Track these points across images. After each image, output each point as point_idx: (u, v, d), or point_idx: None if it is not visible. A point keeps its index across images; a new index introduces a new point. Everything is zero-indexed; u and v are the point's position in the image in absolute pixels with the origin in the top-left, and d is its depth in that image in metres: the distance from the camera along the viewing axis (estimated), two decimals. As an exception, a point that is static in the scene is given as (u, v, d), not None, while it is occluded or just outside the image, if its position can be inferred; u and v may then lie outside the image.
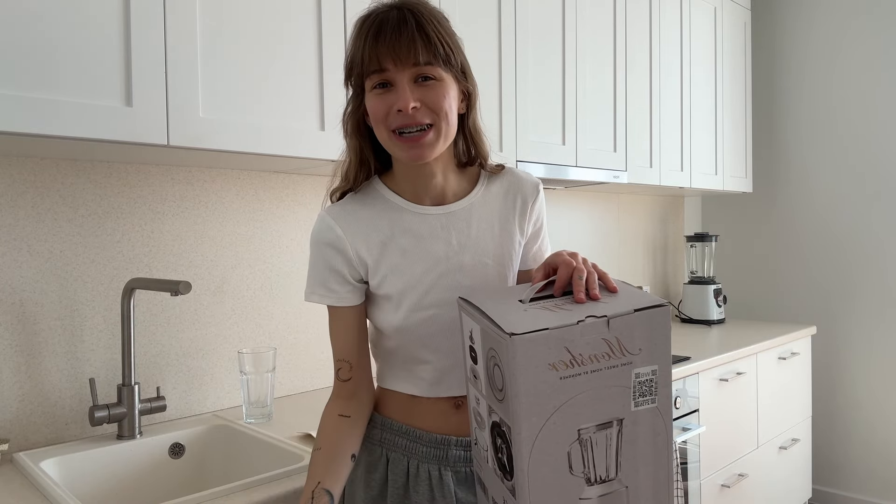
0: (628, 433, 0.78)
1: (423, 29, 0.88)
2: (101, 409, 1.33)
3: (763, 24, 3.11)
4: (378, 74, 0.89)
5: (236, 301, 1.65)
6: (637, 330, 0.76)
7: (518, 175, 1.05)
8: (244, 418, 1.50)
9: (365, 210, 0.98)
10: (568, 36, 2.06)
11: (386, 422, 1.02)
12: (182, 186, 1.56)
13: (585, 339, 0.75)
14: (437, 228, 0.98)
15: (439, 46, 0.89)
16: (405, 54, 0.87)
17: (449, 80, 0.91)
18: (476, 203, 1.00)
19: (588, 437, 0.77)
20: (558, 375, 0.74)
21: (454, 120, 0.93)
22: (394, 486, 1.00)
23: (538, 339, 0.73)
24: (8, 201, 1.32)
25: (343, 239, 0.96)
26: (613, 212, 2.83)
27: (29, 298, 1.34)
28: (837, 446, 2.95)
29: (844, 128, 2.90)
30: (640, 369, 0.77)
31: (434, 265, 0.96)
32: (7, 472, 1.22)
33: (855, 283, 2.88)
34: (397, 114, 0.89)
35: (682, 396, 2.01)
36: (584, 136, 2.13)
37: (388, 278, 0.97)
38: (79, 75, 1.10)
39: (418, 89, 0.89)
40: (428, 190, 0.99)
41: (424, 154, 0.91)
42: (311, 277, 1.00)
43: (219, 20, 1.27)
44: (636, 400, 0.78)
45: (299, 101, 1.40)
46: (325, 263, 0.98)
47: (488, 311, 0.80)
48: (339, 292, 0.98)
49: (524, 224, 1.03)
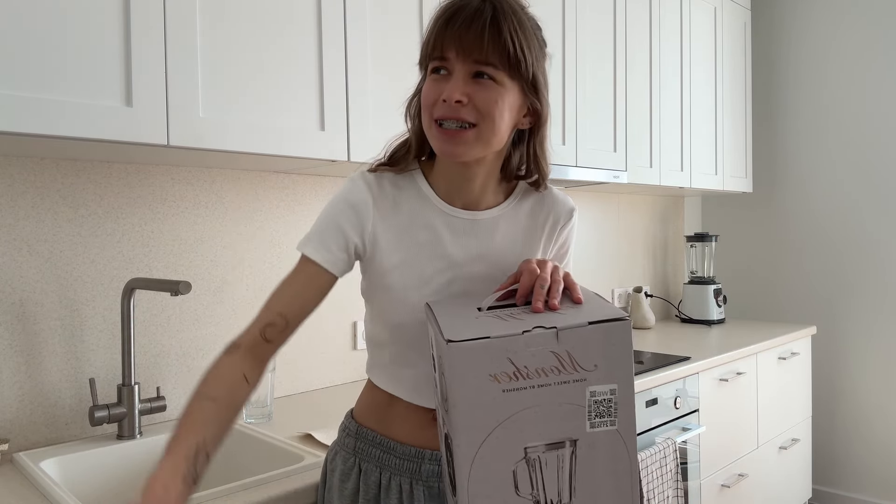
0: (584, 456, 0.72)
1: (498, 25, 0.83)
2: (101, 409, 1.33)
3: (763, 24, 3.11)
4: (439, 61, 0.86)
5: (236, 301, 1.65)
6: (591, 344, 0.70)
7: (555, 196, 1.01)
8: (244, 418, 1.50)
9: (396, 191, 0.95)
10: (568, 36, 2.06)
11: (361, 431, 1.00)
12: (182, 186, 1.56)
13: (531, 350, 0.70)
14: (458, 232, 0.94)
15: (510, 46, 0.83)
16: (469, 46, 0.83)
17: (510, 87, 0.86)
18: (505, 215, 0.97)
19: (536, 457, 0.71)
20: (501, 388, 0.69)
21: (503, 129, 0.87)
22: (364, 498, 0.97)
23: (477, 347, 0.69)
24: (8, 201, 1.32)
25: (369, 207, 0.92)
26: (613, 212, 2.83)
27: (29, 298, 1.34)
28: (837, 446, 2.95)
29: (844, 128, 2.90)
30: (595, 387, 0.71)
31: (446, 268, 0.93)
32: (7, 472, 1.22)
33: (855, 283, 2.88)
34: (443, 103, 0.85)
35: (682, 396, 2.01)
36: (584, 136, 2.13)
37: (398, 269, 0.93)
38: (79, 75, 1.10)
39: (472, 85, 0.84)
40: (462, 192, 0.95)
41: (457, 152, 0.86)
42: (314, 229, 0.93)
43: (218, 20, 1.27)
44: (592, 420, 0.71)
45: (299, 101, 1.39)
46: (338, 222, 0.92)
47: (440, 316, 0.77)
48: (335, 254, 0.92)
49: (549, 245, 1.00)
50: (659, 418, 1.91)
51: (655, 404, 1.90)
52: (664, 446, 1.83)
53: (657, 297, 3.04)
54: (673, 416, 1.97)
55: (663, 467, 1.82)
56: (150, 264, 1.51)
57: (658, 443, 1.84)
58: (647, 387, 1.85)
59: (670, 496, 1.86)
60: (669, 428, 1.96)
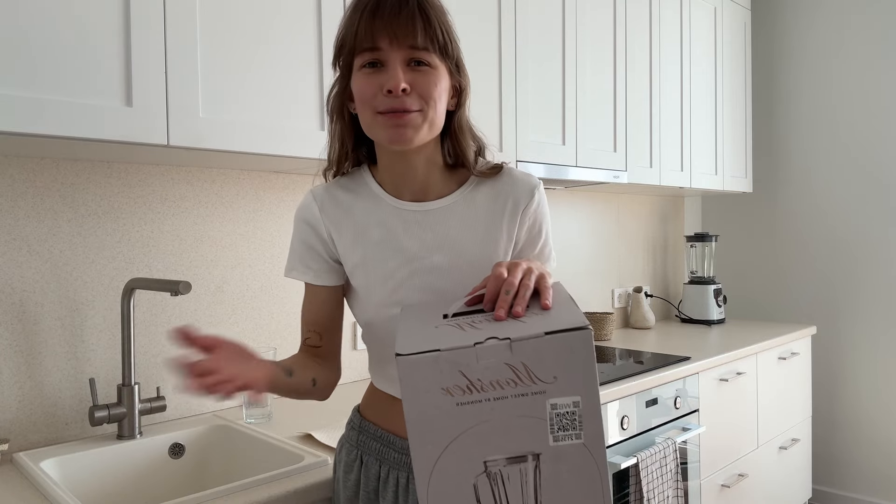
0: (549, 470, 0.69)
1: (425, 11, 0.85)
2: (101, 409, 1.33)
3: (763, 24, 3.11)
4: (370, 52, 0.84)
5: (236, 301, 1.65)
6: (549, 355, 0.67)
7: (514, 176, 0.98)
8: (244, 418, 1.50)
9: (347, 195, 0.97)
10: (568, 36, 2.06)
11: (364, 424, 1.02)
12: (182, 186, 1.56)
13: (483, 363, 0.67)
14: (411, 224, 0.94)
15: (438, 33, 0.85)
16: (402, 33, 0.83)
17: (442, 70, 0.87)
18: (458, 203, 0.96)
19: (497, 471, 0.69)
20: (454, 401, 0.67)
21: (442, 111, 0.89)
22: (364, 490, 1.00)
23: (425, 360, 0.67)
24: (8, 201, 1.32)
25: (319, 220, 0.96)
26: (613, 212, 2.83)
27: (29, 298, 1.34)
28: (837, 446, 2.95)
29: (844, 127, 2.90)
30: (556, 399, 0.68)
31: (405, 262, 0.93)
32: (7, 472, 1.22)
33: (855, 283, 2.88)
34: (386, 94, 0.84)
35: (682, 396, 2.01)
36: (584, 136, 2.13)
37: (358, 268, 0.95)
38: (79, 75, 1.10)
39: (410, 73, 0.84)
40: (407, 183, 0.95)
41: (407, 135, 0.85)
42: (291, 254, 1.01)
43: (219, 20, 1.27)
44: (555, 434, 0.69)
45: (299, 101, 1.39)
46: (303, 240, 0.98)
47: (401, 325, 0.76)
48: (316, 270, 0.98)
49: (513, 229, 0.96)
50: (659, 418, 1.91)
51: (655, 404, 1.90)
52: (664, 446, 1.83)
53: (657, 297, 3.04)
54: (673, 416, 1.97)
55: (663, 467, 1.82)
56: (150, 264, 1.50)
57: (658, 443, 1.84)
58: (647, 387, 1.85)
59: (670, 496, 1.86)
60: (669, 428, 1.96)
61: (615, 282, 2.84)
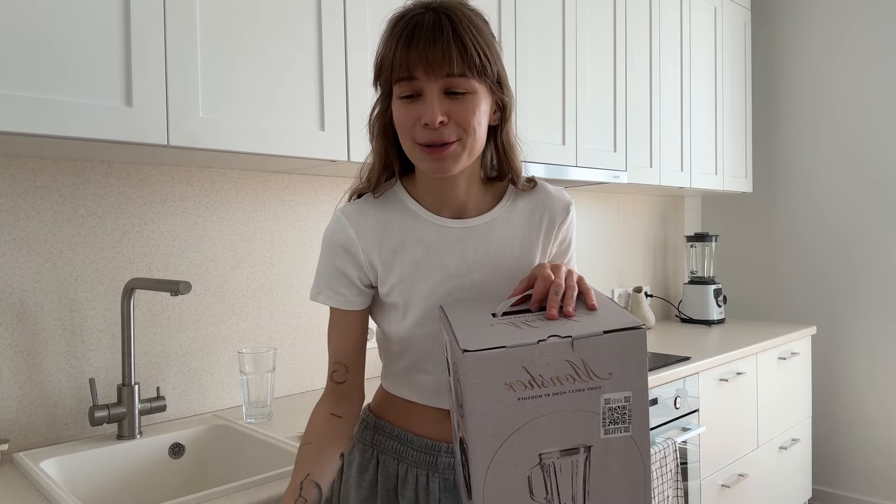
0: (598, 462, 0.73)
1: (460, 36, 0.83)
2: (101, 409, 1.33)
3: (763, 24, 3.11)
4: (407, 83, 0.84)
5: (236, 301, 1.65)
6: (606, 353, 0.71)
7: (549, 192, 1.00)
8: (244, 418, 1.50)
9: (381, 213, 0.95)
10: (568, 36, 2.06)
11: (379, 423, 1.02)
12: (182, 186, 1.56)
13: (546, 359, 0.70)
14: (452, 242, 0.94)
15: (475, 56, 0.84)
16: (438, 64, 0.82)
17: (482, 92, 0.86)
18: (498, 219, 0.96)
19: (551, 463, 0.72)
20: (516, 396, 0.70)
21: (482, 135, 0.89)
22: (384, 489, 0.99)
23: (492, 357, 0.69)
24: (8, 201, 1.32)
25: (356, 242, 0.93)
26: (613, 212, 2.83)
27: (29, 298, 1.34)
28: (837, 446, 2.95)
29: (844, 127, 2.90)
30: (610, 395, 0.72)
31: (445, 280, 0.93)
32: (7, 472, 1.22)
33: (855, 283, 2.88)
34: (423, 128, 0.85)
35: (682, 396, 2.01)
36: (584, 136, 2.13)
37: (396, 287, 0.94)
38: (79, 75, 1.10)
39: (447, 102, 0.84)
40: (448, 201, 0.94)
41: (447, 167, 0.87)
42: (318, 276, 0.97)
43: (219, 20, 1.27)
44: (606, 427, 0.72)
45: (299, 101, 1.39)
46: (335, 265, 0.95)
47: (454, 323, 0.78)
48: (347, 295, 0.96)
49: (548, 244, 0.99)
50: (659, 418, 1.91)
51: (655, 404, 1.90)
52: (664, 446, 1.83)
53: (657, 297, 3.04)
54: (673, 416, 1.97)
55: (663, 467, 1.82)
56: (150, 264, 1.51)
57: (658, 443, 1.84)
58: (647, 387, 1.85)
59: (670, 496, 1.86)
60: (669, 428, 1.96)
61: (615, 282, 2.84)
